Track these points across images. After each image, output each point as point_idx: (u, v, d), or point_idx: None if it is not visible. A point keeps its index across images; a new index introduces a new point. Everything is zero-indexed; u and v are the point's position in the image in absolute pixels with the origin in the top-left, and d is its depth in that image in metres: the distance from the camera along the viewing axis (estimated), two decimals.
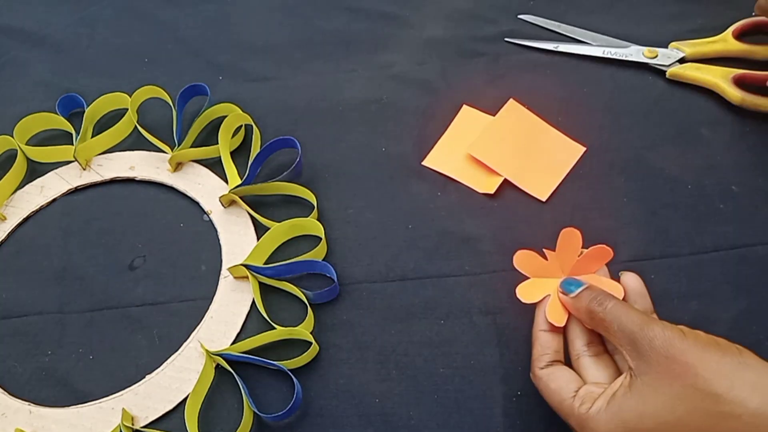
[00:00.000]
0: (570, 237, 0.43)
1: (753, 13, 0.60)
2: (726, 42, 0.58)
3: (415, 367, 0.47)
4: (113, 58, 0.67)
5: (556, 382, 0.39)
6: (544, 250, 0.44)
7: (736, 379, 0.32)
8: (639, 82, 0.58)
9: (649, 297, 0.41)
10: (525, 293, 0.43)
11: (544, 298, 0.42)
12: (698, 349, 0.33)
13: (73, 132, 0.59)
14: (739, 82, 0.55)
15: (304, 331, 0.47)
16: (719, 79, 0.56)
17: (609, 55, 0.59)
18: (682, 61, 0.58)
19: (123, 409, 0.46)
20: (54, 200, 0.57)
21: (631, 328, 0.36)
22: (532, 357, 0.41)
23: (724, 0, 0.62)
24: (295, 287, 0.49)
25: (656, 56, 0.58)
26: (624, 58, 0.59)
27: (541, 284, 0.43)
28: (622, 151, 0.55)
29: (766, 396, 0.31)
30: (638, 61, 0.59)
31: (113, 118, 0.60)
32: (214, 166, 0.57)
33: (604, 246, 0.42)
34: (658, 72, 0.58)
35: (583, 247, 0.43)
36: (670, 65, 0.58)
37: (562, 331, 0.42)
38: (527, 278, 0.43)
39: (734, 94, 0.54)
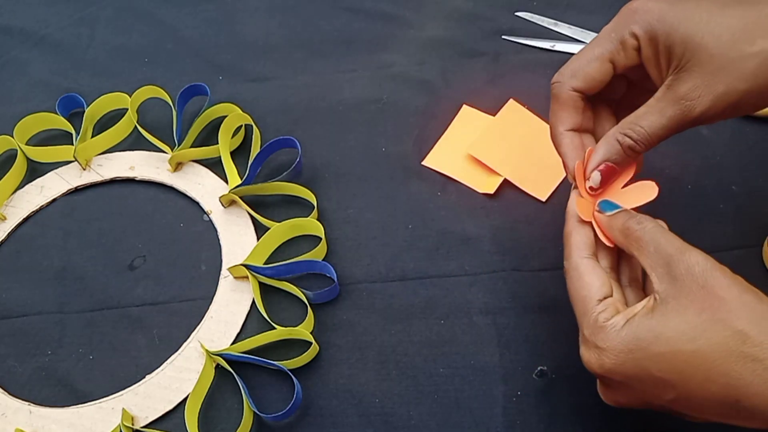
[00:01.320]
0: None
1: None
2: None
3: (415, 367, 0.47)
4: (113, 58, 0.67)
5: (590, 277, 0.37)
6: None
7: (765, 322, 0.31)
8: None
9: None
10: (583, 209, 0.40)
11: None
12: (737, 288, 0.32)
13: (73, 132, 0.59)
14: None
15: (304, 331, 0.47)
16: None
17: None
18: None
19: (123, 409, 0.46)
20: (54, 200, 0.57)
21: (669, 250, 0.34)
22: (569, 247, 0.39)
23: None
24: (295, 287, 0.49)
25: None
26: None
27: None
28: None
29: None
30: None
31: (113, 118, 0.60)
32: (214, 166, 0.57)
33: (650, 182, 0.40)
34: None
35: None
36: None
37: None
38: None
39: None
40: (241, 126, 0.58)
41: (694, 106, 0.36)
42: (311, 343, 0.47)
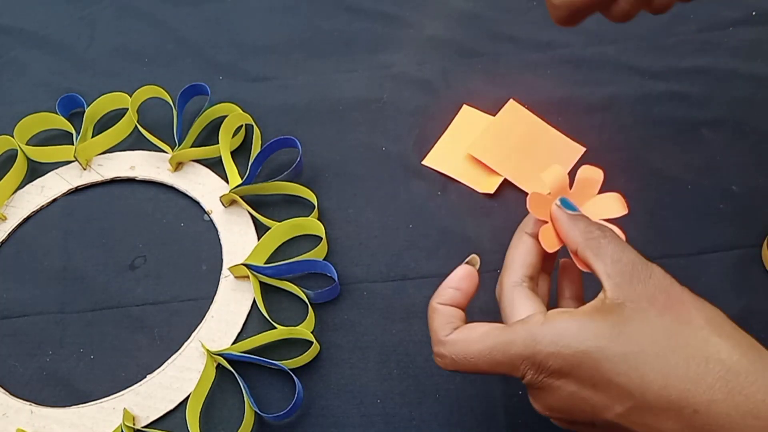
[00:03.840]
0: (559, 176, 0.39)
1: (752, 13, 0.61)
2: None
3: (416, 367, 0.47)
4: (113, 58, 0.67)
5: (526, 303, 0.35)
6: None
7: (726, 328, 0.30)
8: (638, 81, 0.58)
9: None
10: (547, 241, 0.37)
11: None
12: (696, 299, 0.32)
13: (74, 132, 0.59)
14: None
15: (305, 330, 0.47)
16: None
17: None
18: None
19: (124, 408, 0.46)
20: (54, 200, 0.57)
21: (632, 258, 0.33)
22: (507, 263, 0.37)
23: (724, 0, 0.62)
24: (295, 287, 0.49)
25: None
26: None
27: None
28: (622, 151, 0.55)
29: (748, 355, 0.29)
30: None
31: (113, 118, 0.60)
32: (215, 165, 0.57)
33: (589, 167, 0.39)
34: (657, 73, 0.58)
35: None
36: None
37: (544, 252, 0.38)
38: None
39: None
40: (241, 126, 0.58)
41: None
42: (312, 343, 0.47)
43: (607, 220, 0.38)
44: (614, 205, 0.39)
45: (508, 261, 0.38)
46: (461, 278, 0.38)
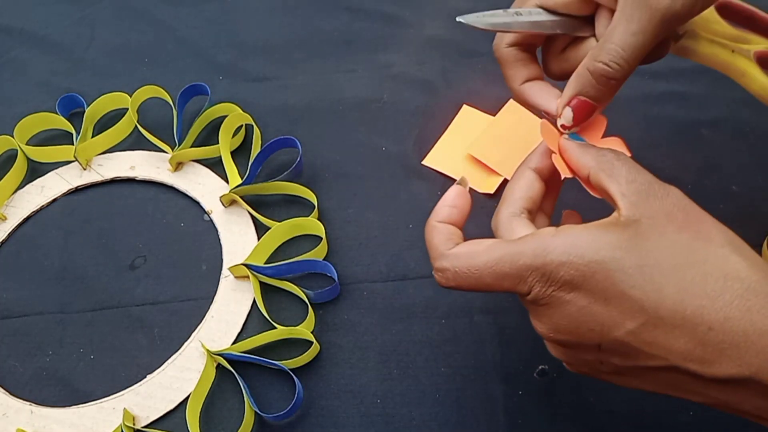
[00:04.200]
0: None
1: None
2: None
3: (416, 367, 0.47)
4: (113, 58, 0.67)
5: (525, 231, 0.33)
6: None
7: (746, 250, 0.29)
8: (638, 82, 0.58)
9: None
10: (561, 166, 0.37)
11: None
12: (716, 220, 0.31)
13: (74, 132, 0.59)
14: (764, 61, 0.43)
15: (305, 330, 0.47)
16: (740, 58, 0.43)
17: None
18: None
19: (124, 408, 0.46)
20: (54, 200, 0.57)
21: (647, 178, 0.32)
22: (506, 195, 0.36)
23: None
24: (295, 287, 0.49)
25: None
26: None
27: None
28: None
29: (765, 274, 0.29)
30: None
31: (113, 118, 0.60)
32: (215, 165, 0.57)
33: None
34: (657, 73, 0.58)
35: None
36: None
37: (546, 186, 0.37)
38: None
39: (761, 78, 0.42)
40: (241, 126, 0.58)
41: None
42: (312, 343, 0.47)
43: None
44: (617, 149, 0.37)
45: (507, 193, 0.36)
46: (456, 196, 0.37)
